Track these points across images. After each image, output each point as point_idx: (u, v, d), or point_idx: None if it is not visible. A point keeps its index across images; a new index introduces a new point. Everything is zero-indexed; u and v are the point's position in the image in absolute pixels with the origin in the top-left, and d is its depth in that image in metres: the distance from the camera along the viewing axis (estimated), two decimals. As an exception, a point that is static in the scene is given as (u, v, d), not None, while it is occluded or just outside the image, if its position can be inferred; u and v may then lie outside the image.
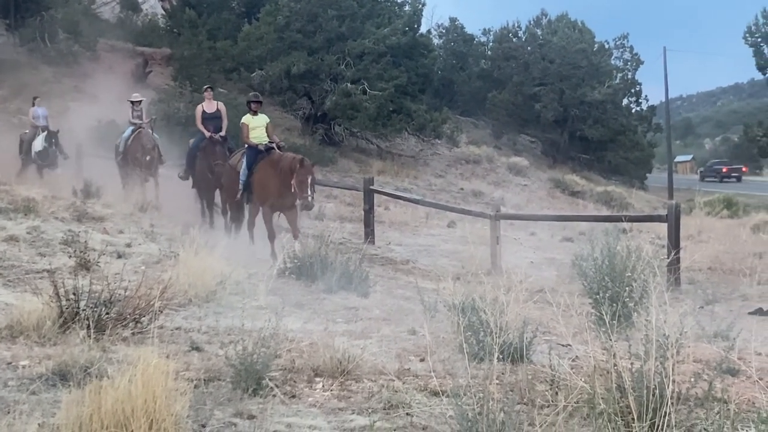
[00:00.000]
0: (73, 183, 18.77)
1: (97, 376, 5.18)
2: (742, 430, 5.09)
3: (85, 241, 10.72)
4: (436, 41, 53.58)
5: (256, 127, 15.38)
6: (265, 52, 36.39)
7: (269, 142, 15.15)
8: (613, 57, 53.77)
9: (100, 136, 25.79)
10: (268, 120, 15.72)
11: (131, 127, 20.12)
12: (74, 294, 6.92)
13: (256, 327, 6.43)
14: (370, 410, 5.39)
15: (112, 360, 6.01)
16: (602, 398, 4.85)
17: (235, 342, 6.02)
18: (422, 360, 6.71)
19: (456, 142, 44.05)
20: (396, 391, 5.66)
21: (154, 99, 30.44)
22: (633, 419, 4.72)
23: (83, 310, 6.81)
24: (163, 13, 46.80)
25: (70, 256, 10.26)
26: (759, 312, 10.46)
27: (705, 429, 4.67)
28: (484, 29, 59.86)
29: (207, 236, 11.70)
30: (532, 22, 54.67)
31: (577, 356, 6.53)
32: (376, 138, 39.25)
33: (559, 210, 26.24)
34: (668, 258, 12.23)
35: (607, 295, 7.62)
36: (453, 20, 58.38)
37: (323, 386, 5.88)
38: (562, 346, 7.19)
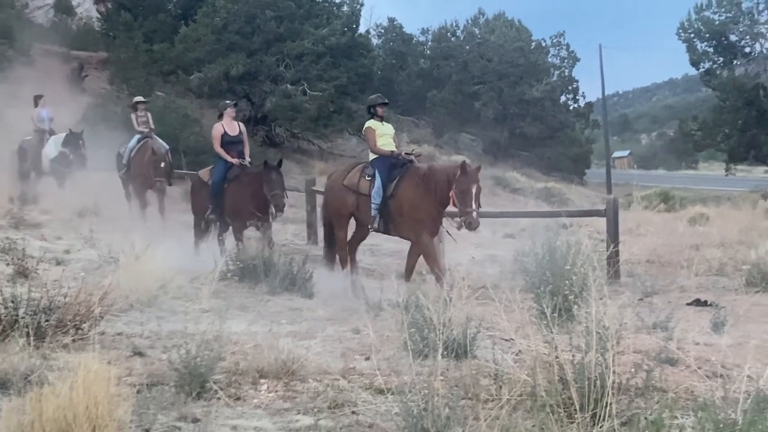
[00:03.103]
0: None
1: (37, 384, 5.11)
2: (682, 417, 5.19)
3: (23, 249, 10.56)
4: (375, 41, 53.63)
5: (384, 135, 12.43)
6: (203, 54, 36.06)
7: (407, 153, 12.43)
8: (550, 55, 54.35)
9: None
10: (394, 131, 12.84)
11: (137, 136, 18.19)
12: (12, 302, 6.81)
13: (199, 330, 6.40)
14: (315, 410, 5.39)
15: (52, 367, 5.93)
16: (545, 391, 4.91)
17: (178, 346, 5.98)
18: (367, 359, 6.73)
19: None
20: (341, 390, 5.67)
21: (91, 104, 30.03)
22: (575, 410, 4.79)
23: (22, 317, 6.70)
24: (98, 16, 46.04)
25: (7, 264, 10.10)
26: (697, 303, 10.64)
27: (645, 418, 4.75)
28: (423, 29, 60.05)
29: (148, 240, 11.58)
30: (469, 22, 55.07)
31: (520, 350, 6.59)
32: (317, 139, 39.22)
33: (500, 207, 26.40)
34: (607, 252, 12.40)
35: (548, 289, 7.71)
36: (392, 20, 58.39)
37: (268, 387, 5.86)
38: (506, 340, 7.25)
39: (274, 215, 13.21)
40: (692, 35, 48.24)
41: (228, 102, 14.97)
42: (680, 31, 48.78)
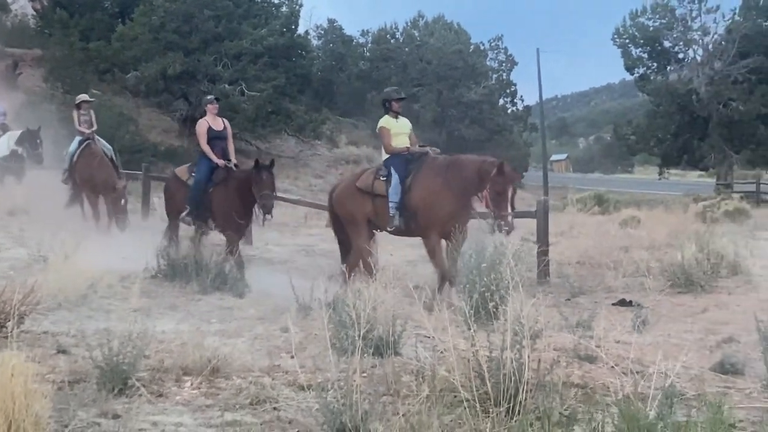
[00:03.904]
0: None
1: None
2: (597, 413, 5.32)
3: (-51, 247, 10.44)
4: (314, 42, 53.81)
5: (399, 134, 11.75)
6: (140, 53, 35.83)
7: (421, 145, 11.89)
8: (488, 58, 54.97)
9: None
10: (410, 126, 12.06)
11: (78, 138, 17.04)
12: (-66, 300, 6.74)
13: (125, 328, 6.39)
14: (237, 406, 5.43)
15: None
16: (462, 386, 5.01)
17: (102, 344, 5.97)
18: (292, 356, 6.77)
19: (336, 143, 44.29)
20: (264, 387, 5.71)
21: (25, 102, 29.59)
22: (491, 405, 4.90)
23: (-56, 315, 6.64)
24: (34, 13, 45.41)
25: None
26: (621, 303, 10.86)
27: (560, 413, 4.88)
28: (363, 30, 60.25)
29: (78, 239, 11.46)
30: (409, 24, 55.45)
31: (445, 349, 6.70)
32: (255, 139, 39.10)
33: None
34: (537, 252, 12.59)
35: (476, 288, 7.84)
36: (331, 21, 58.53)
37: (191, 384, 5.88)
38: (429, 338, 7.35)
39: (263, 218, 12.38)
40: (627, 41, 49.13)
41: (209, 98, 14.15)
42: (615, 36, 49.63)
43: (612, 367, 6.23)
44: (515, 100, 55.92)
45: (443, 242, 11.04)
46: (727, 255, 13.35)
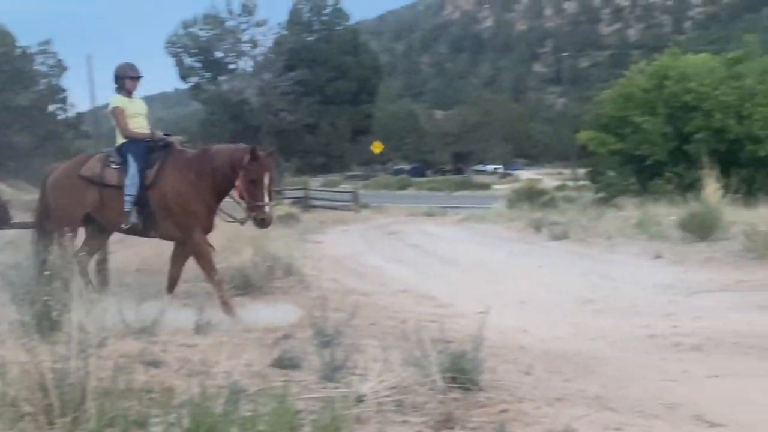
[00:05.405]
0: None
1: None
2: (164, 415, 5.40)
3: None
4: None
5: (136, 115, 10.52)
6: None
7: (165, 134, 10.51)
8: (37, 62, 52.71)
9: None
10: (147, 108, 10.81)
11: None
12: None
13: None
14: None
15: None
16: (26, 399, 4.84)
17: None
18: None
19: None
20: None
21: None
22: (56, 416, 4.78)
23: None
24: None
25: None
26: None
27: (127, 418, 4.88)
28: None
29: None
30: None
31: (2, 363, 6.39)
32: None
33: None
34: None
35: (35, 300, 7.56)
36: None
37: None
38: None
39: None
40: (181, 50, 49.72)
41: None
42: (169, 45, 50.02)
43: (177, 369, 6.37)
44: (66, 107, 54.26)
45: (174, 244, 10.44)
46: (281, 257, 14.10)
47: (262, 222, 9.81)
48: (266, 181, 9.63)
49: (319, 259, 17.85)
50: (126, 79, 10.64)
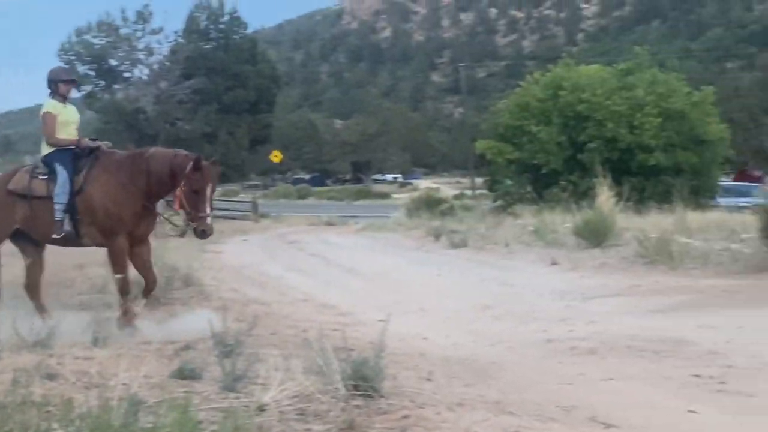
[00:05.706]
0: None
1: None
2: (65, 428, 5.29)
3: None
4: None
5: (68, 122, 10.05)
6: None
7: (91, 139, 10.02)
8: None
9: None
10: (79, 116, 10.44)
11: None
12: None
13: None
14: None
15: None
16: None
17: None
18: None
19: None
20: None
21: None
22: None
23: None
24: None
25: None
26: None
27: (23, 431, 4.77)
28: None
29: None
30: None
31: None
32: None
33: None
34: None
35: None
36: None
37: None
38: None
39: None
40: (74, 57, 48.64)
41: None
42: (62, 52, 48.90)
43: (74, 382, 6.25)
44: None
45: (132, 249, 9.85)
46: (180, 268, 13.93)
47: (203, 233, 9.49)
48: (209, 191, 9.39)
49: (218, 270, 17.74)
50: (59, 83, 10.23)
